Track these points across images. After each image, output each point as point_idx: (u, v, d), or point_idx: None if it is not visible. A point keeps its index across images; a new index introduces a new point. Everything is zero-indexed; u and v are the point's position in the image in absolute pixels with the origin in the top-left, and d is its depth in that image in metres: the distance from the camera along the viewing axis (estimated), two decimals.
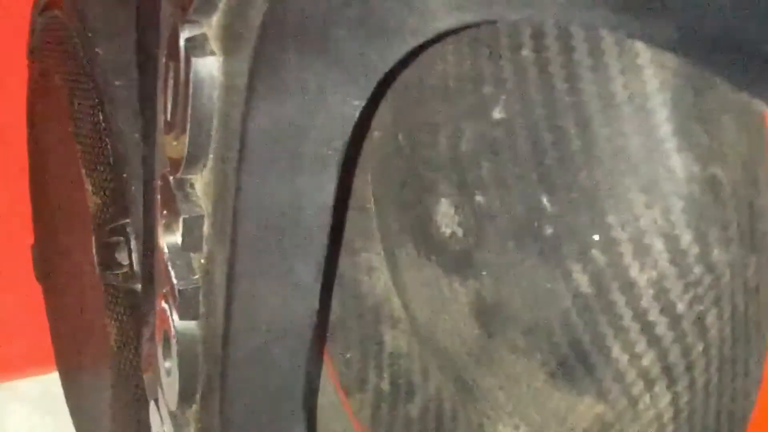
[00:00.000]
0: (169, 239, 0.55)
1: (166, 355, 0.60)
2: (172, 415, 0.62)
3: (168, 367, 0.60)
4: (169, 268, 0.56)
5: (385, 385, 0.76)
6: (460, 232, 0.64)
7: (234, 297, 0.53)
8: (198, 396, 0.60)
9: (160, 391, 0.63)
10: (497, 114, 0.59)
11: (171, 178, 0.54)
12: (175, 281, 0.55)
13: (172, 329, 0.58)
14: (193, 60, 0.49)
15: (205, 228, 0.54)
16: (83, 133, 0.97)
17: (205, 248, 0.54)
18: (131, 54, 0.86)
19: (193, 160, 0.52)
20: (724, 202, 0.52)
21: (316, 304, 0.54)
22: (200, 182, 0.54)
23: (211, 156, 0.52)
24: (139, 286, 0.80)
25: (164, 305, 0.58)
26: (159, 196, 0.56)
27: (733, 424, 0.55)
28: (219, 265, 0.53)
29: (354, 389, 0.77)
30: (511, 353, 0.63)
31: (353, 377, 0.78)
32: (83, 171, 0.96)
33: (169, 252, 0.55)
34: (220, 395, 0.55)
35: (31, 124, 1.12)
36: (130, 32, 0.84)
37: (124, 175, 0.89)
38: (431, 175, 0.65)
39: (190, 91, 0.49)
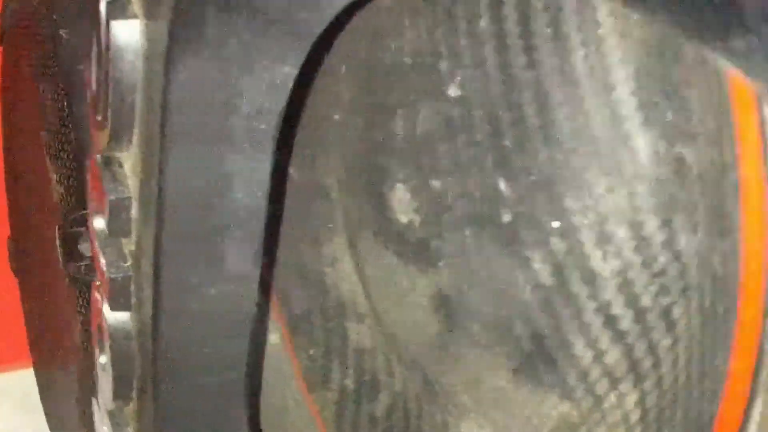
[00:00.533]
0: (98, 223, 0.51)
1: (101, 349, 0.56)
2: (110, 414, 0.58)
3: (103, 363, 0.56)
4: (99, 255, 0.52)
5: (350, 383, 0.72)
6: (417, 219, 0.60)
7: (162, 287, 0.49)
8: (134, 394, 0.56)
9: (97, 388, 0.59)
10: (453, 92, 0.55)
11: (98, 156, 0.50)
12: (104, 269, 0.52)
13: (105, 322, 0.54)
14: (112, 23, 0.45)
15: (134, 211, 0.50)
16: (50, 120, 0.94)
17: (134, 233, 0.51)
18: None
19: (117, 135, 0.48)
20: (690, 185, 0.48)
21: (255, 295, 0.50)
22: (129, 161, 0.50)
23: (136, 131, 0.48)
24: None
25: (97, 295, 0.54)
26: (89, 177, 0.52)
27: (701, 424, 0.51)
28: (146, 251, 0.49)
29: (318, 387, 0.74)
30: (472, 349, 0.59)
31: (317, 374, 0.74)
32: (48, 160, 0.93)
33: (98, 238, 0.52)
34: (152, 394, 0.52)
35: (4, 112, 1.09)
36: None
37: (85, 163, 0.86)
38: (388, 159, 0.61)
39: (111, 57, 0.45)
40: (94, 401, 0.63)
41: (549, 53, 0.50)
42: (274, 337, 0.79)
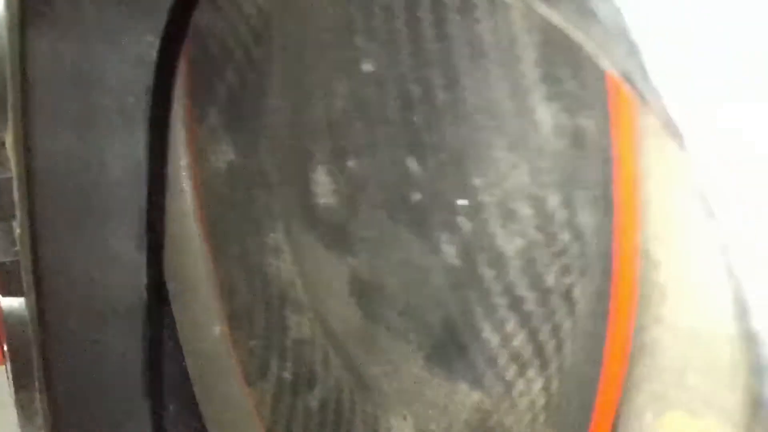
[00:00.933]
0: None
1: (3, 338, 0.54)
2: (19, 404, 0.56)
3: (5, 351, 0.54)
4: None
5: (287, 375, 0.70)
6: (335, 202, 0.57)
7: (41, 271, 0.47)
8: (36, 384, 0.54)
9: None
10: (367, 67, 0.53)
11: None
12: None
13: (1, 308, 0.52)
14: None
15: (15, 192, 0.48)
16: None
17: (18, 215, 0.49)
18: None
19: None
20: (588, 158, 0.45)
21: (142, 279, 0.48)
22: (9, 138, 0.48)
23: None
24: None
25: None
26: None
27: (589, 411, 0.48)
28: (24, 233, 0.47)
29: (256, 380, 0.71)
30: (389, 337, 0.57)
31: (256, 367, 0.72)
32: None
33: None
34: (44, 384, 0.50)
35: None
36: None
37: None
38: (310, 141, 0.59)
39: None
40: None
41: (457, 24, 0.48)
42: (216, 330, 0.77)
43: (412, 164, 0.51)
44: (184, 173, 0.78)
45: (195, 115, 0.77)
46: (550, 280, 0.47)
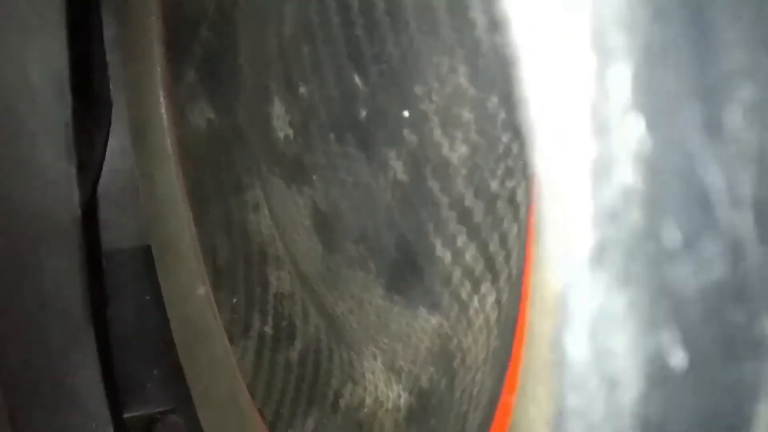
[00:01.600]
0: None
1: None
2: None
3: None
4: None
5: (269, 329, 0.69)
6: (291, 133, 0.56)
7: None
8: None
9: None
10: None
11: None
12: None
13: None
14: None
15: None
16: None
17: None
18: None
19: None
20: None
21: (74, 195, 0.47)
22: None
23: None
24: None
25: None
26: None
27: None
28: None
29: (238, 335, 0.70)
30: (349, 268, 0.55)
31: (238, 323, 0.71)
32: None
33: None
34: None
35: None
36: None
37: None
38: (267, 74, 0.58)
39: None
40: None
41: None
42: (199, 291, 0.76)
43: (357, 80, 0.50)
44: (165, 135, 0.77)
45: (173, 76, 0.76)
46: (494, 185, 0.45)
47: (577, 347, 0.22)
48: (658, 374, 0.22)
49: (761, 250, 0.21)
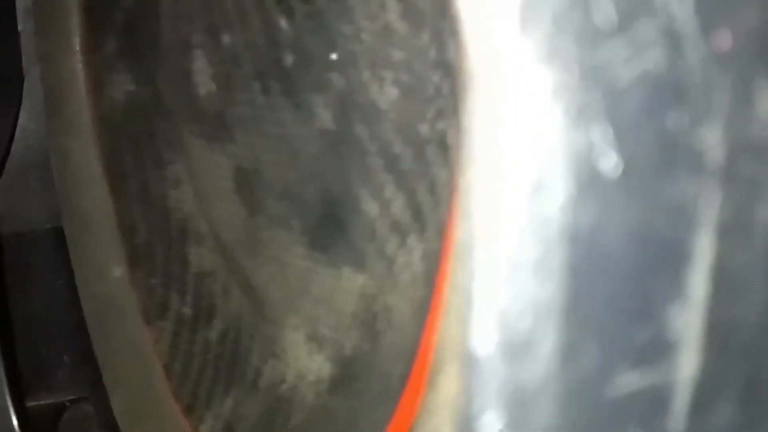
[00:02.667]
0: None
1: None
2: None
3: None
4: None
5: (187, 309, 0.66)
6: (213, 87, 0.54)
7: None
8: None
9: None
10: None
11: None
12: None
13: None
14: None
15: None
16: None
17: None
18: None
19: None
20: None
21: None
22: None
23: None
24: None
25: None
26: None
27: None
28: None
29: (155, 317, 0.68)
30: (271, 228, 0.53)
31: (156, 304, 0.68)
32: None
33: None
34: None
35: None
36: None
37: None
38: (187, 26, 0.56)
39: None
40: None
41: None
42: (115, 271, 0.73)
43: (283, 24, 0.48)
44: (82, 107, 0.75)
45: (91, 45, 0.74)
46: (424, 129, 0.44)
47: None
48: (588, 178, 0.21)
49: (702, 43, 0.20)
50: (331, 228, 0.50)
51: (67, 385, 0.75)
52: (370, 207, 0.47)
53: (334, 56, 0.47)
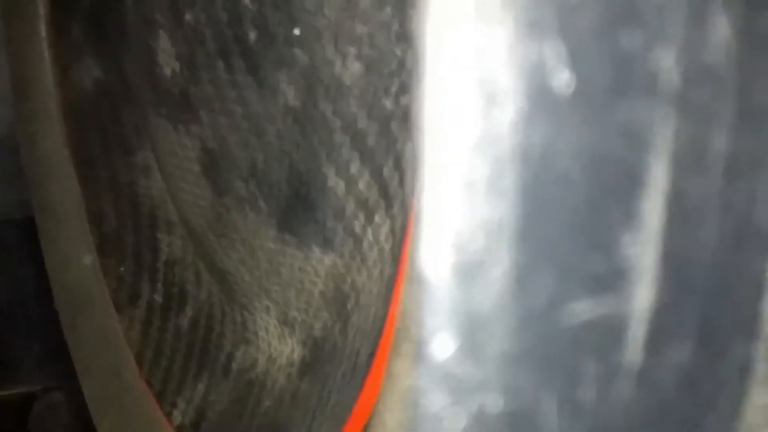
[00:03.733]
0: None
1: None
2: None
3: None
4: None
5: (158, 297, 0.66)
6: (177, 67, 0.54)
7: None
8: None
9: None
10: None
11: None
12: None
13: None
14: None
15: None
16: None
17: None
18: None
19: None
20: None
21: None
22: None
23: None
24: None
25: None
26: None
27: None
28: None
29: (126, 305, 0.67)
30: (239, 210, 0.53)
31: (126, 292, 0.68)
32: None
33: None
34: None
35: None
36: None
37: None
38: (151, 5, 0.56)
39: None
40: None
41: None
42: (86, 260, 0.73)
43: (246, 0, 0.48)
44: (49, 94, 0.74)
45: (58, 31, 0.73)
46: (388, 104, 0.44)
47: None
48: (539, 94, 0.20)
49: None
50: (299, 208, 0.50)
51: (37, 375, 0.75)
52: (337, 185, 0.47)
53: (297, 31, 0.47)
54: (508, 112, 0.20)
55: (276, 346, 0.56)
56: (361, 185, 0.46)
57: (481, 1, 0.20)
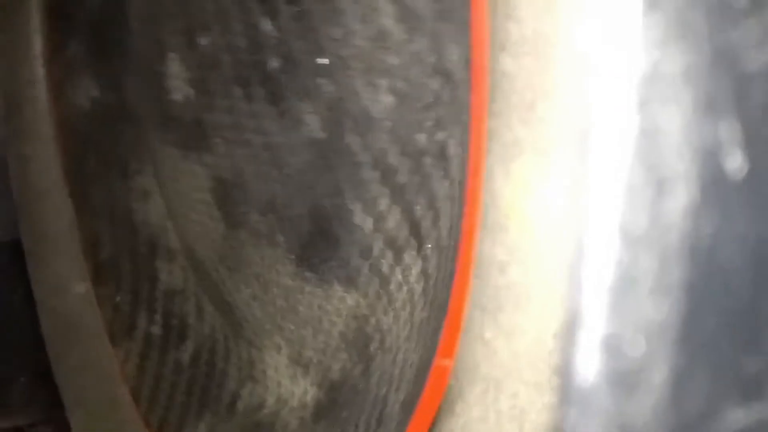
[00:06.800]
0: None
1: None
2: None
3: None
4: None
5: (156, 329, 0.65)
6: (191, 93, 0.53)
7: None
8: None
9: None
10: None
11: None
12: None
13: None
14: None
15: None
16: None
17: None
18: None
19: None
20: None
21: None
22: None
23: None
24: None
25: None
26: None
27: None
28: None
29: (122, 336, 0.66)
30: (255, 245, 0.52)
31: (122, 323, 0.67)
32: None
33: None
34: None
35: None
36: None
37: None
38: (160, 27, 0.55)
39: None
40: None
41: None
42: (79, 288, 0.72)
43: (266, 25, 0.47)
44: (42, 113, 0.73)
45: (53, 47, 0.72)
46: (423, 139, 0.43)
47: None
48: (712, 177, 0.19)
49: None
50: (321, 244, 0.49)
51: (22, 408, 0.73)
52: (364, 222, 0.47)
53: (322, 61, 0.46)
54: (679, 200, 0.19)
55: (287, 386, 0.55)
56: (391, 223, 0.45)
57: (651, 77, 0.19)
